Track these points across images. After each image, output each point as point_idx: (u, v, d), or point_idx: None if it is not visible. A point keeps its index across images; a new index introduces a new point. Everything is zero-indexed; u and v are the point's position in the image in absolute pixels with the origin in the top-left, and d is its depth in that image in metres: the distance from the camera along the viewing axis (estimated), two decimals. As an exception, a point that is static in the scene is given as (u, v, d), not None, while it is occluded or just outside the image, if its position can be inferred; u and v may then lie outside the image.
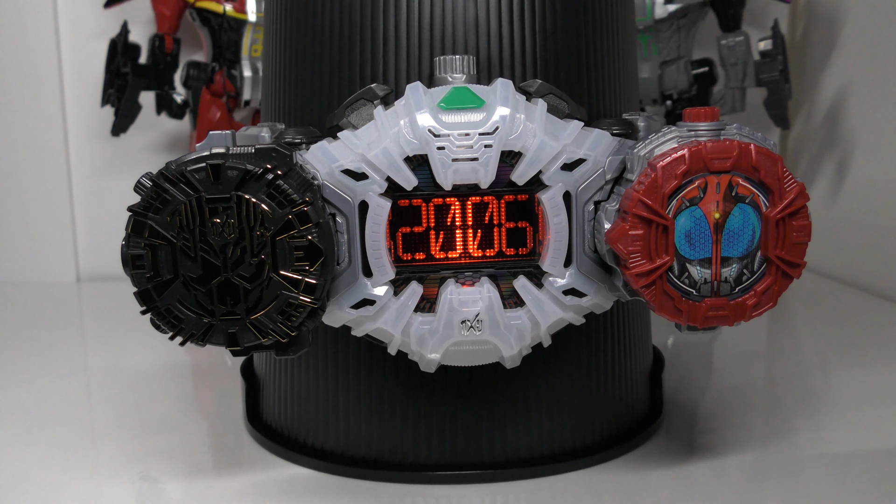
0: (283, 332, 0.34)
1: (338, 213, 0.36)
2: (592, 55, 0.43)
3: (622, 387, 0.46)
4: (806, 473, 0.44)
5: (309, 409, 0.45)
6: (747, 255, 0.32)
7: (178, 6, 0.83)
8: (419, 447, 0.43)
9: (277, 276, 0.33)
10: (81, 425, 0.53)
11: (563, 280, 0.36)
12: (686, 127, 0.33)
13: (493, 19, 0.41)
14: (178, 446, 0.49)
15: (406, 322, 0.36)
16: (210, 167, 0.32)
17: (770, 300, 0.33)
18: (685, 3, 0.79)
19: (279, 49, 0.45)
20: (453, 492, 0.42)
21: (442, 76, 0.38)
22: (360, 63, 0.41)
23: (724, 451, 0.46)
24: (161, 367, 0.63)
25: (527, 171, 0.35)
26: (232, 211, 0.33)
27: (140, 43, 0.81)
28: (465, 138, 0.35)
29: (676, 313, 0.32)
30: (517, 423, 0.43)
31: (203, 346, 0.34)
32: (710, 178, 0.32)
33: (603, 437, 0.45)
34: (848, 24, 0.84)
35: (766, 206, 0.32)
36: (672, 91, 0.81)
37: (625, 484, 0.43)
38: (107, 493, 0.43)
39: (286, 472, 0.45)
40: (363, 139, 0.36)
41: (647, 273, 0.32)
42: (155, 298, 0.33)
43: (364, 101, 0.38)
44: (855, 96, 0.82)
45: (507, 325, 0.36)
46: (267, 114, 0.48)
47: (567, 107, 0.37)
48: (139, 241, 0.33)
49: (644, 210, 0.31)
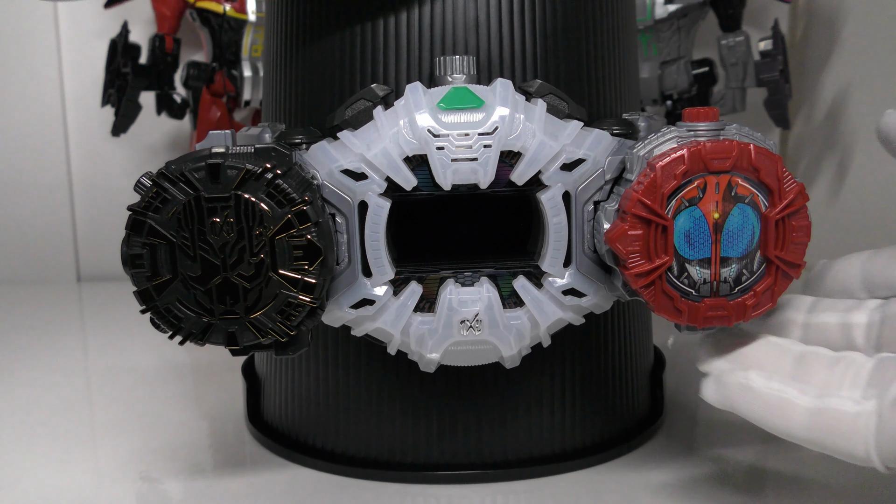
0: (282, 332, 0.34)
1: (337, 213, 0.36)
2: (593, 55, 0.43)
3: (622, 387, 0.46)
4: (806, 473, 0.44)
5: (309, 409, 0.45)
6: (747, 256, 0.32)
7: (178, 6, 0.83)
8: (419, 447, 0.43)
9: (276, 275, 0.33)
10: (82, 425, 0.53)
11: (562, 280, 0.36)
12: (685, 127, 0.33)
13: (494, 19, 0.41)
14: (178, 446, 0.49)
15: (405, 322, 0.36)
16: (209, 167, 0.32)
17: (769, 300, 0.33)
18: (685, 3, 0.79)
19: (280, 49, 0.45)
20: (453, 492, 0.42)
21: (442, 76, 0.38)
22: (360, 63, 0.41)
23: (725, 452, 0.46)
24: (161, 366, 0.63)
25: (526, 172, 0.35)
26: (231, 210, 0.33)
27: (140, 43, 0.81)
28: (464, 138, 0.35)
29: (676, 313, 0.32)
30: (517, 423, 0.43)
31: (202, 345, 0.34)
32: (710, 178, 0.32)
33: (603, 437, 0.45)
34: (848, 24, 0.84)
35: (766, 207, 0.32)
36: (672, 91, 0.81)
37: (625, 484, 0.43)
38: (107, 493, 0.43)
39: (286, 472, 0.45)
40: (363, 139, 0.36)
41: (647, 273, 0.32)
42: (154, 298, 0.33)
43: (364, 101, 0.38)
44: (855, 96, 0.82)
45: (506, 325, 0.36)
46: (268, 114, 0.48)
47: (567, 107, 0.37)
48: (139, 241, 0.33)
49: (643, 210, 0.31)
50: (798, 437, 0.32)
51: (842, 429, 0.30)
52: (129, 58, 0.79)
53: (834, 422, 0.31)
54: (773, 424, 0.32)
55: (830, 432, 0.31)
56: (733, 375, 0.34)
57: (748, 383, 0.33)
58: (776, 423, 0.32)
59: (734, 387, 0.33)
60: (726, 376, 0.34)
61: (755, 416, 0.33)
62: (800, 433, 0.31)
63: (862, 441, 0.30)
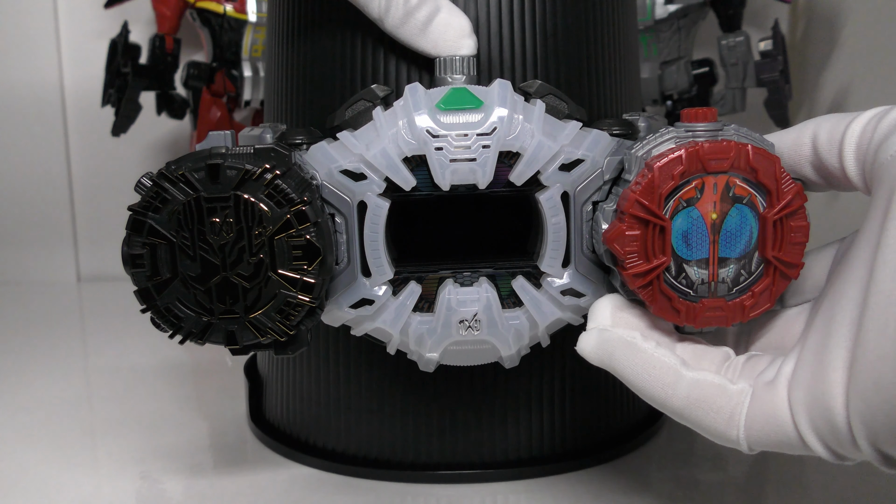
0: (281, 331, 0.34)
1: (337, 213, 0.36)
2: (593, 56, 0.43)
3: (623, 387, 0.46)
4: (806, 473, 0.44)
5: (310, 409, 0.46)
6: (745, 256, 0.32)
7: (178, 6, 0.83)
8: (419, 446, 0.43)
9: (276, 275, 0.33)
10: (82, 424, 0.53)
11: (561, 280, 0.36)
12: (684, 127, 0.33)
13: (494, 20, 0.41)
14: (178, 445, 0.49)
15: (405, 322, 0.37)
16: (209, 167, 0.33)
17: (768, 301, 0.33)
18: (685, 3, 0.79)
19: (281, 49, 0.45)
20: (453, 491, 0.42)
21: (442, 77, 0.38)
22: (360, 63, 0.41)
23: (725, 452, 0.46)
24: (161, 366, 0.63)
25: (525, 172, 0.35)
26: (231, 210, 0.33)
27: (140, 43, 0.81)
28: (463, 139, 0.35)
29: (674, 314, 0.32)
30: (517, 423, 0.43)
31: (202, 344, 0.34)
32: (708, 178, 0.32)
33: (603, 438, 0.45)
34: (848, 24, 0.84)
35: (764, 207, 0.32)
36: (672, 91, 0.82)
37: (625, 484, 0.43)
38: (107, 493, 0.43)
39: (287, 471, 0.45)
40: (362, 140, 0.36)
41: (644, 273, 0.32)
42: (155, 297, 0.34)
43: (364, 101, 0.38)
44: (855, 96, 0.82)
45: (505, 325, 0.36)
46: (269, 114, 0.48)
47: (566, 107, 0.37)
48: (139, 241, 0.33)
49: (641, 210, 0.31)
50: (674, 406, 0.31)
51: (718, 403, 0.31)
52: (129, 58, 0.79)
53: (711, 396, 0.31)
54: (649, 389, 0.32)
55: (706, 406, 0.31)
56: (619, 331, 0.33)
57: (633, 342, 0.32)
58: (654, 387, 0.32)
59: (618, 342, 0.33)
60: (611, 331, 0.33)
61: (633, 377, 0.32)
62: (677, 403, 0.31)
63: (735, 419, 0.30)
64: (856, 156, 0.30)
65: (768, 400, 0.30)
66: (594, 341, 0.33)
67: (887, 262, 0.27)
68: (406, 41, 0.39)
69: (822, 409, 0.28)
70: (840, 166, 0.31)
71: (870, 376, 0.26)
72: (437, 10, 0.38)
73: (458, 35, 0.38)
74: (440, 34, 0.38)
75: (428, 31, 0.38)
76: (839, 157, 0.31)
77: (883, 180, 0.28)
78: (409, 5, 0.38)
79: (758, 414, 0.30)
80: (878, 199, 0.28)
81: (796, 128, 0.33)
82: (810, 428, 0.29)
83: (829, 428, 0.28)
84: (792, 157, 0.33)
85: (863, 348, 0.27)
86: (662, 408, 0.32)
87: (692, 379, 0.31)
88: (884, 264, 0.27)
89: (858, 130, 0.30)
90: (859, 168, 0.30)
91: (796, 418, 0.29)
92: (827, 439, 0.28)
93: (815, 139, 0.32)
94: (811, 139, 0.32)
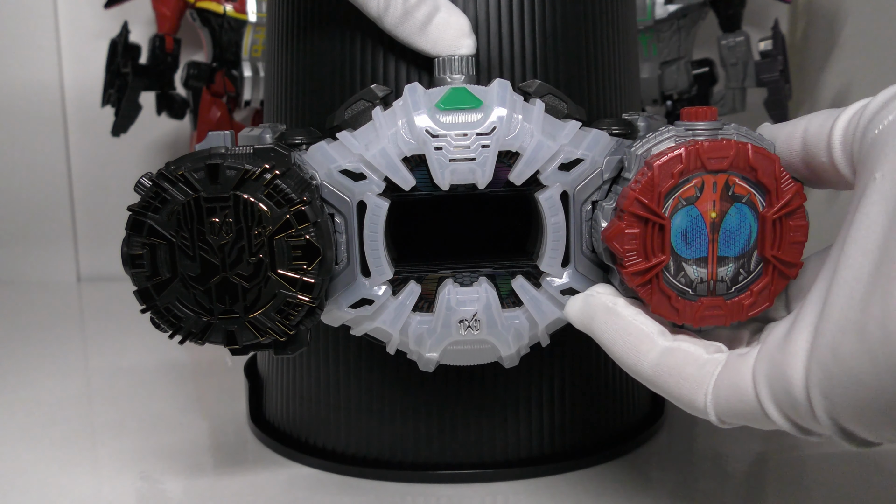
0: (280, 331, 0.34)
1: (336, 213, 0.36)
2: (593, 56, 0.43)
3: (622, 386, 0.46)
4: (806, 473, 0.44)
5: (309, 408, 0.46)
6: (744, 255, 0.32)
7: (178, 6, 0.83)
8: (419, 446, 0.43)
9: (275, 275, 0.33)
10: (82, 425, 0.53)
11: (560, 280, 0.36)
12: (683, 126, 0.33)
13: (493, 19, 0.41)
14: (178, 445, 0.49)
15: (404, 321, 0.37)
16: (209, 167, 0.33)
17: (766, 300, 0.33)
18: (685, 3, 0.79)
19: (281, 50, 0.45)
20: (453, 491, 0.42)
21: (441, 77, 0.38)
22: (360, 63, 0.41)
23: (725, 452, 0.46)
24: (161, 366, 0.63)
25: (524, 171, 0.35)
26: (230, 210, 0.33)
27: (140, 43, 0.81)
28: (462, 138, 0.35)
29: (673, 312, 0.32)
30: (517, 423, 0.43)
31: (202, 344, 0.34)
32: (707, 177, 0.32)
33: (603, 437, 0.45)
34: (848, 24, 0.84)
35: (763, 206, 0.32)
36: (672, 91, 0.82)
37: (625, 484, 0.43)
38: (107, 493, 0.43)
39: (287, 471, 0.45)
40: (361, 140, 0.36)
41: (643, 272, 0.32)
42: (154, 297, 0.34)
43: (364, 101, 0.38)
44: (855, 96, 0.82)
45: (504, 324, 0.36)
46: (268, 114, 0.48)
47: (566, 107, 0.37)
48: (139, 241, 0.33)
49: (640, 209, 0.31)
50: (645, 374, 0.32)
51: (688, 371, 0.31)
52: (129, 58, 0.80)
53: (682, 363, 0.31)
54: (622, 354, 0.33)
55: (676, 373, 0.31)
56: (602, 297, 0.34)
57: (614, 307, 0.33)
58: (627, 353, 0.32)
59: (599, 307, 0.34)
60: (595, 296, 0.34)
61: (609, 342, 0.33)
62: (647, 370, 0.32)
63: (703, 387, 0.31)
64: (842, 145, 0.30)
65: (736, 369, 0.30)
66: (579, 304, 0.35)
67: (857, 239, 0.27)
68: (405, 40, 0.39)
69: (781, 378, 0.28)
70: (829, 159, 0.31)
71: (830, 347, 0.26)
72: (437, 9, 0.38)
73: (457, 34, 0.38)
74: (439, 33, 0.38)
75: (427, 31, 0.38)
76: (828, 147, 0.31)
77: (865, 163, 0.28)
78: (408, 4, 0.38)
79: (725, 383, 0.30)
80: (860, 180, 0.28)
81: (790, 123, 0.33)
82: (770, 398, 0.29)
83: (788, 399, 0.28)
84: (784, 152, 0.33)
85: (826, 320, 0.27)
86: (634, 373, 0.32)
87: (665, 347, 0.32)
88: (854, 241, 0.27)
89: (846, 119, 0.30)
90: (847, 157, 0.30)
91: (758, 388, 0.29)
92: (787, 410, 0.28)
93: (805, 133, 0.32)
94: (802, 133, 0.32)
